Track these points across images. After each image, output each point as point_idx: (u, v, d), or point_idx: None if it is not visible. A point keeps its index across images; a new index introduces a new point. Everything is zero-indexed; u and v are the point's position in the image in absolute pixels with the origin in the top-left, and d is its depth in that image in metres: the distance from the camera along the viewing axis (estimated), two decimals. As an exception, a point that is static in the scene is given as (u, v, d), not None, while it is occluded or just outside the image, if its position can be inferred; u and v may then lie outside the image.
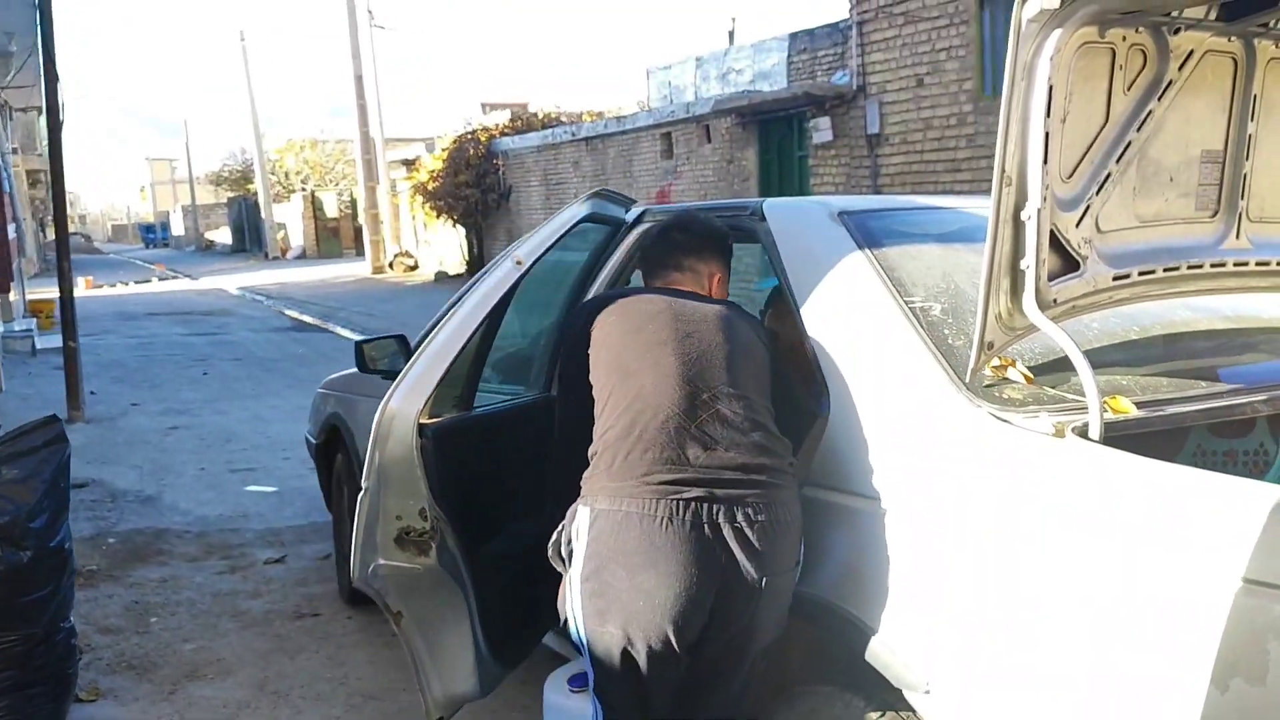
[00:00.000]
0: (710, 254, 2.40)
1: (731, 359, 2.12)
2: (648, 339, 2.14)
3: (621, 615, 1.95)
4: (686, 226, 2.43)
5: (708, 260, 2.39)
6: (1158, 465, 1.60)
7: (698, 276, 2.37)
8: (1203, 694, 1.45)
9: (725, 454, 2.00)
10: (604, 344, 2.19)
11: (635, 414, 2.04)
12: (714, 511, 1.94)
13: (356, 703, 3.43)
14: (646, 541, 1.93)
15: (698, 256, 2.38)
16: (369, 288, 21.96)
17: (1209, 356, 2.42)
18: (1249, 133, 2.15)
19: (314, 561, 4.88)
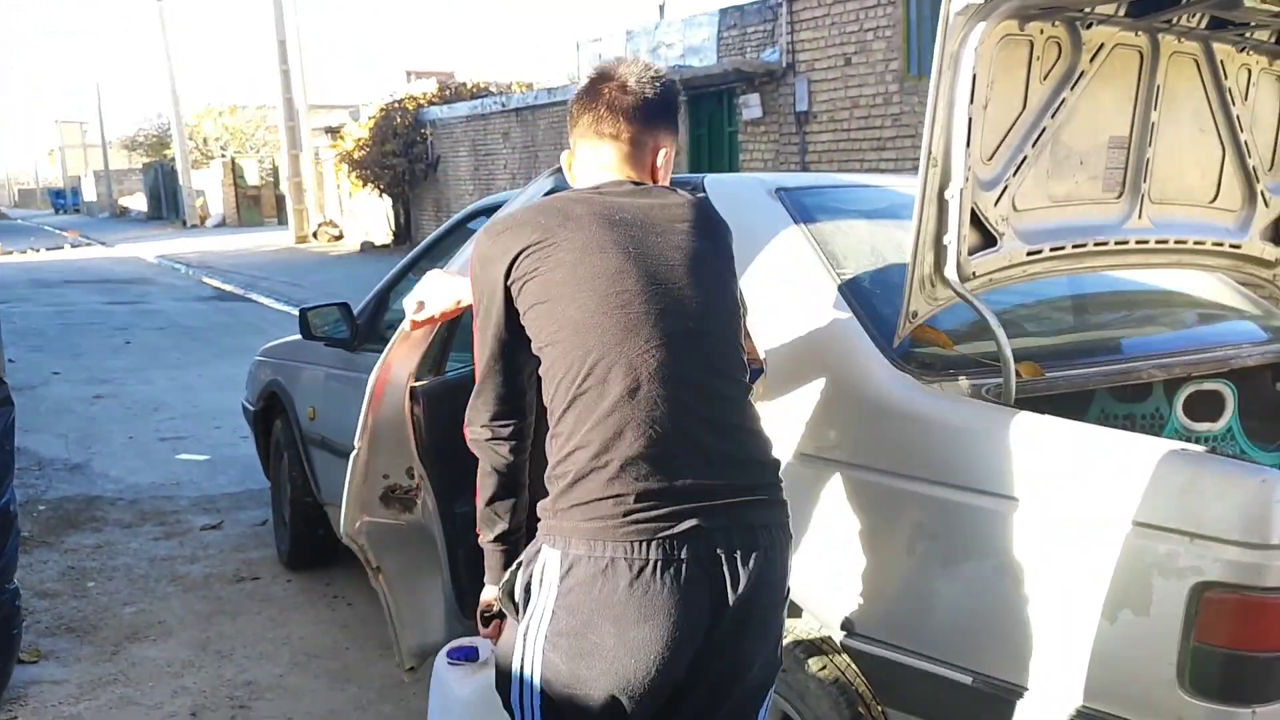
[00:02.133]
0: (657, 119, 1.86)
1: (708, 315, 1.73)
2: (612, 302, 1.67)
3: (611, 678, 1.61)
4: (623, 80, 1.84)
5: (654, 128, 1.85)
6: (1061, 422, 1.77)
7: (638, 152, 1.85)
8: (1095, 624, 1.63)
9: (717, 469, 1.67)
10: (550, 304, 1.70)
11: (613, 430, 1.63)
12: (711, 544, 1.63)
13: (300, 660, 3.51)
14: (640, 591, 1.60)
15: (642, 123, 1.84)
16: (293, 257, 21.63)
17: (1114, 328, 2.62)
18: (1152, 121, 2.32)
19: (251, 528, 4.92)
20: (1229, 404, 2.42)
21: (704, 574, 1.63)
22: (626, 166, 1.86)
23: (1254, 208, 2.58)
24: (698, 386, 1.69)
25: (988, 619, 1.77)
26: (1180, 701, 1.56)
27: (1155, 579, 1.58)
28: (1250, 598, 1.53)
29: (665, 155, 1.89)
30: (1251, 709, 1.53)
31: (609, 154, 1.85)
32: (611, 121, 1.84)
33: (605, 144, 1.85)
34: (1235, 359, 2.41)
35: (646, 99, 1.84)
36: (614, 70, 1.87)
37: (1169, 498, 1.59)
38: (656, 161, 1.89)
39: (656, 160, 1.89)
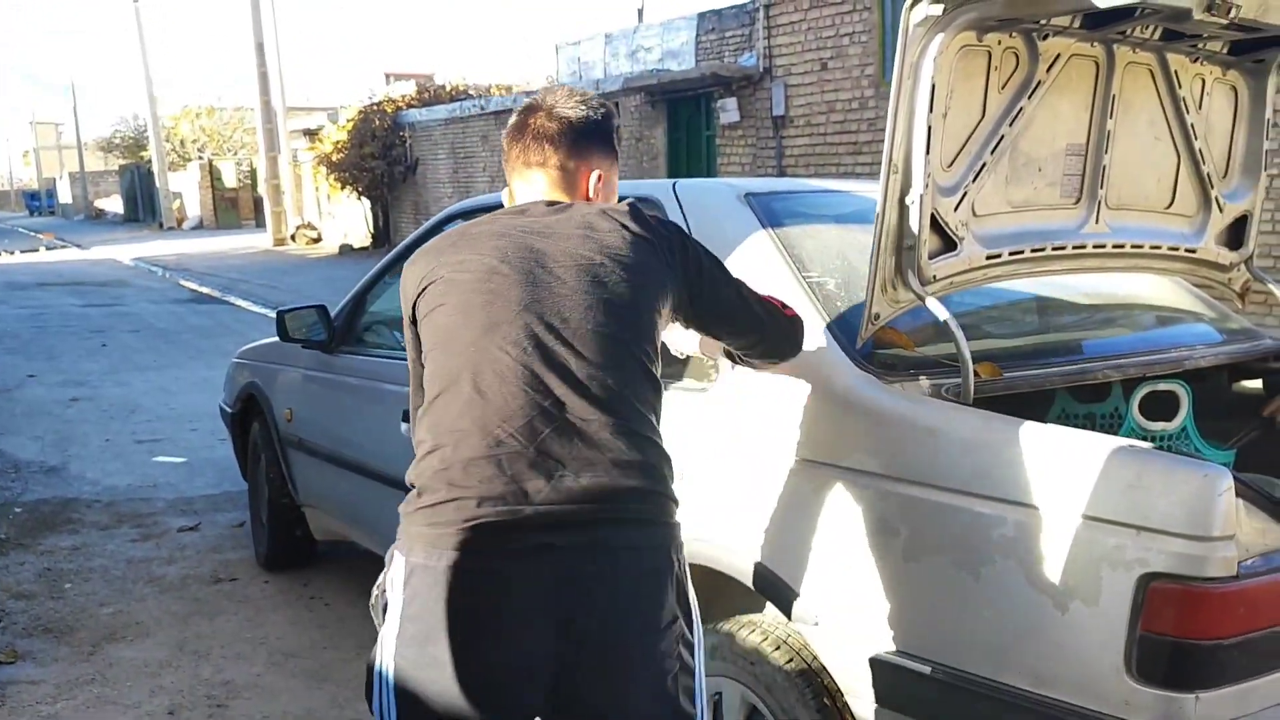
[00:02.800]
0: (586, 142, 1.84)
1: (595, 321, 1.64)
2: (476, 301, 1.66)
3: (454, 695, 1.55)
4: (549, 107, 1.84)
5: (583, 151, 1.83)
6: (1013, 420, 1.84)
7: (568, 177, 1.83)
8: (1047, 614, 1.69)
9: (575, 482, 1.57)
10: (430, 316, 1.73)
11: (460, 435, 1.60)
12: (560, 564, 1.55)
13: (278, 660, 3.54)
14: (476, 605, 1.56)
15: (569, 148, 1.82)
16: (271, 260, 21.56)
17: (1075, 330, 2.69)
18: (1108, 129, 2.39)
19: (228, 529, 4.94)
20: (1184, 404, 2.49)
21: (550, 595, 1.54)
22: (556, 193, 1.84)
23: (1209, 213, 2.66)
24: (563, 390, 1.60)
25: (945, 611, 1.83)
26: (1128, 688, 1.62)
27: (1104, 570, 1.65)
28: (1193, 588, 1.59)
29: (600, 178, 1.87)
30: (1195, 695, 1.60)
31: (539, 182, 1.85)
32: (538, 150, 1.84)
33: (534, 173, 1.85)
34: (1189, 360, 2.48)
35: (571, 123, 1.83)
36: (539, 100, 1.89)
37: (1117, 492, 1.66)
38: (589, 185, 1.86)
39: (588, 184, 1.86)
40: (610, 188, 1.91)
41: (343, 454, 3.68)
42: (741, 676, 2.17)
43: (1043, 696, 1.71)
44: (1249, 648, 1.62)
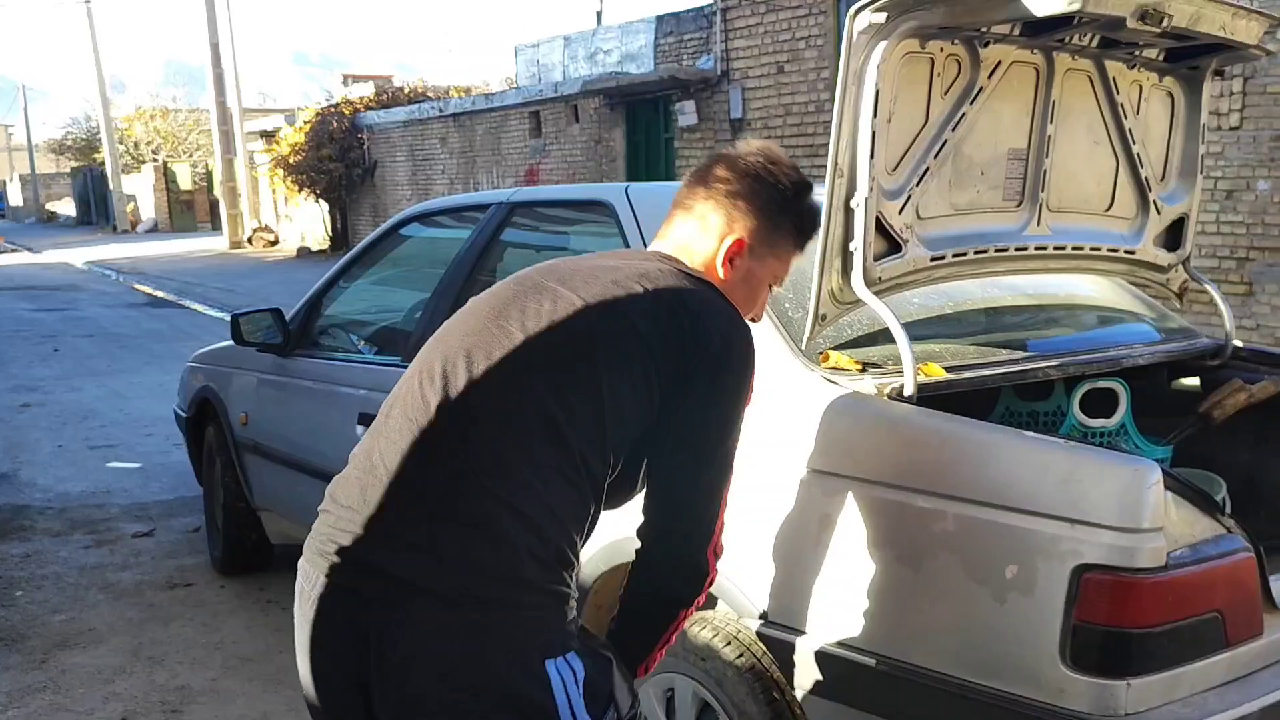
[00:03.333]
0: (738, 197, 1.62)
1: (577, 385, 1.47)
2: (439, 335, 1.61)
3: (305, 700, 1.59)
4: (734, 159, 1.68)
5: (733, 204, 1.62)
6: (954, 418, 1.89)
7: (702, 226, 1.64)
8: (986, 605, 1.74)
9: (412, 536, 1.42)
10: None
11: (357, 452, 1.56)
12: (364, 622, 1.44)
13: (234, 665, 3.53)
14: (306, 620, 1.53)
15: (720, 195, 1.63)
16: (227, 263, 21.34)
17: (1019, 330, 2.75)
18: (1049, 134, 2.46)
19: (184, 535, 4.90)
20: (1122, 401, 2.55)
21: (349, 648, 1.44)
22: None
23: (1147, 216, 2.73)
24: (454, 443, 1.45)
25: (888, 604, 1.87)
26: (1062, 676, 1.68)
27: (1040, 562, 1.70)
28: (1124, 578, 1.65)
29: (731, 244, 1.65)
30: (1126, 681, 1.65)
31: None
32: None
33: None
34: (1127, 359, 2.55)
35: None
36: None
37: (1052, 487, 1.71)
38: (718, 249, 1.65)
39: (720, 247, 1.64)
40: (752, 258, 1.67)
41: (298, 457, 3.67)
42: (693, 672, 2.21)
43: (982, 686, 1.76)
44: (1178, 635, 1.68)
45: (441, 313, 3.17)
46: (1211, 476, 2.58)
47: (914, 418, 1.94)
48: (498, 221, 3.14)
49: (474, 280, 3.19)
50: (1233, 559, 1.74)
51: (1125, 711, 1.65)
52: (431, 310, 3.21)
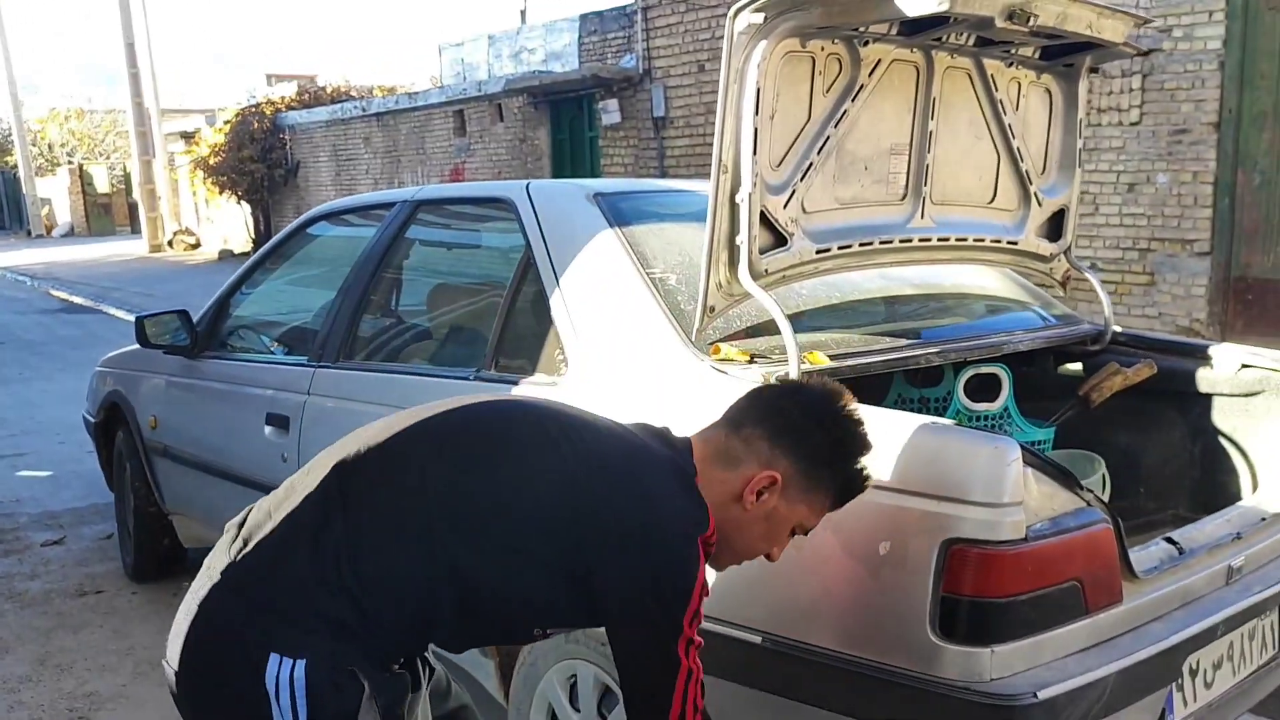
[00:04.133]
0: (787, 434, 1.62)
1: (476, 520, 1.52)
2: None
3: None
4: (802, 395, 1.69)
5: (780, 440, 1.62)
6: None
7: (746, 447, 1.63)
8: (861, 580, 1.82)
9: (279, 565, 1.54)
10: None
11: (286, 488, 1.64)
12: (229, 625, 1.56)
13: (145, 670, 3.49)
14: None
15: (773, 426, 1.63)
16: (147, 267, 20.88)
17: (905, 319, 2.84)
18: (930, 129, 2.55)
19: (95, 542, 4.83)
20: (1005, 386, 2.67)
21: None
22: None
23: (1029, 208, 2.85)
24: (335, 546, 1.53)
25: (772, 583, 1.94)
26: (933, 645, 1.76)
27: (910, 538, 1.78)
28: (988, 550, 1.73)
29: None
30: (990, 649, 1.74)
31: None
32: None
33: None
34: (1008, 345, 2.66)
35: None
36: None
37: (921, 465, 1.80)
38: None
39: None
40: (781, 499, 1.63)
41: (209, 459, 3.65)
42: (595, 658, 2.25)
43: (860, 658, 1.83)
44: (1039, 604, 1.78)
45: (346, 311, 3.19)
46: (1091, 456, 2.71)
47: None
48: (402, 219, 3.16)
49: (379, 278, 3.21)
50: (1091, 530, 1.84)
51: (990, 677, 1.74)
52: (336, 309, 3.22)
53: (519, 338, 2.63)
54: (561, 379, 2.41)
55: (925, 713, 1.77)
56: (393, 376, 2.98)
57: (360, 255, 3.24)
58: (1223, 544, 2.17)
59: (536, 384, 2.46)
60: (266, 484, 3.26)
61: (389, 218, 3.21)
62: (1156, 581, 1.99)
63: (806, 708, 1.91)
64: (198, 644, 1.56)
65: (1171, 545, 2.09)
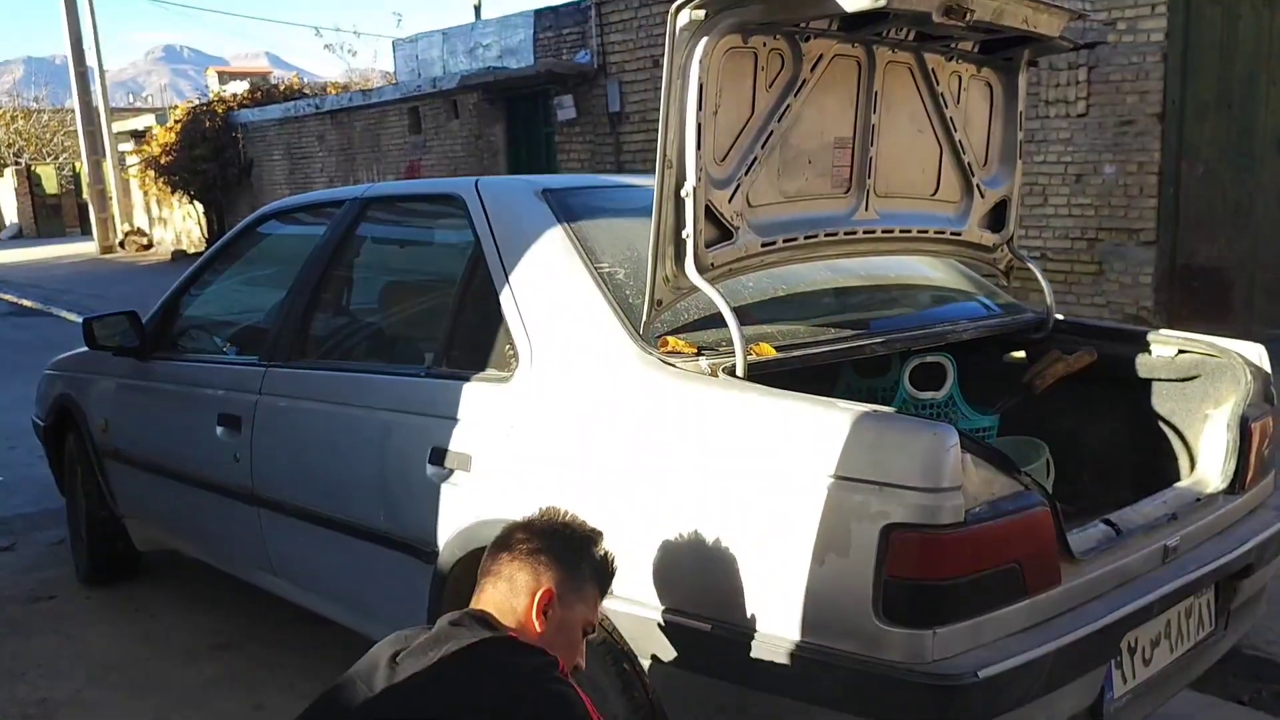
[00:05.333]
0: (539, 553, 1.77)
1: None
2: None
3: None
4: (528, 523, 1.85)
5: (536, 560, 1.76)
6: (774, 392, 2.00)
7: (511, 587, 1.75)
8: (807, 568, 1.86)
9: None
10: None
11: None
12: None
13: (99, 674, 3.47)
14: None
15: (523, 555, 1.77)
16: (98, 269, 20.55)
17: (852, 311, 2.88)
18: (873, 123, 2.59)
19: (47, 547, 4.78)
20: (949, 374, 2.71)
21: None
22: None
23: (971, 199, 2.90)
24: None
25: (720, 572, 1.97)
26: (876, 628, 1.80)
27: (853, 524, 1.82)
28: (928, 534, 1.77)
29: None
30: (933, 630, 1.78)
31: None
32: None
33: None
34: (952, 334, 2.71)
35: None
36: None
37: (861, 453, 1.83)
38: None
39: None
40: (564, 605, 1.78)
41: (161, 462, 3.63)
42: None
43: (807, 643, 1.87)
44: (979, 586, 1.82)
45: (297, 310, 3.18)
46: (1035, 442, 2.76)
47: (741, 395, 2.04)
48: (352, 217, 3.16)
49: (329, 277, 3.20)
50: (1029, 513, 1.89)
51: (932, 658, 1.78)
52: (286, 308, 3.21)
53: (469, 334, 2.64)
54: (512, 374, 2.43)
55: (870, 694, 1.81)
56: (344, 375, 2.98)
57: (310, 254, 3.23)
58: (1159, 525, 2.23)
59: (488, 380, 2.47)
60: (219, 485, 3.27)
61: (339, 215, 3.21)
62: (1094, 563, 2.04)
63: (754, 693, 1.95)
64: None
65: (1109, 527, 2.15)
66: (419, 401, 2.62)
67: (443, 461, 2.48)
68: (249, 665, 3.47)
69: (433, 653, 1.61)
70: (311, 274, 3.17)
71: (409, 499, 2.59)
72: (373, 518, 2.71)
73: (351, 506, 2.78)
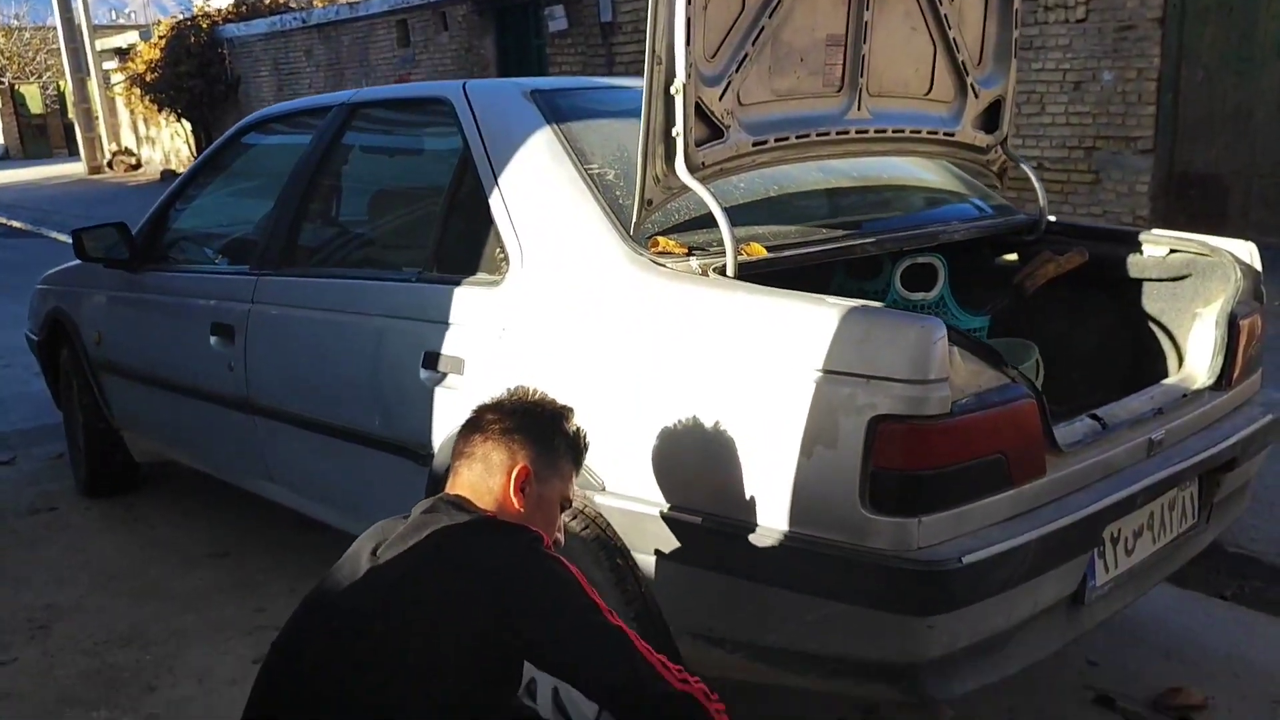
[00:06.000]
0: (512, 432, 1.75)
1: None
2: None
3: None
4: (498, 403, 1.83)
5: (510, 439, 1.75)
6: (762, 289, 2.00)
7: (486, 467, 1.74)
8: (795, 461, 1.88)
9: None
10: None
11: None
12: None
13: (101, 582, 3.53)
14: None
15: (496, 434, 1.75)
16: (86, 189, 20.34)
17: (847, 211, 2.87)
18: (866, 20, 2.54)
19: (46, 462, 4.82)
20: (940, 275, 2.72)
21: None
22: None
23: (965, 99, 2.87)
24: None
25: (711, 466, 1.99)
26: (864, 519, 1.83)
27: (840, 417, 1.84)
28: (915, 425, 1.80)
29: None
30: (918, 519, 1.81)
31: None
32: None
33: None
34: (944, 234, 2.70)
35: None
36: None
37: (850, 347, 1.84)
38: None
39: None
40: (537, 482, 1.76)
41: (155, 373, 3.64)
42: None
43: (796, 533, 1.90)
44: (964, 476, 1.85)
45: (286, 218, 3.17)
46: (1026, 343, 2.78)
47: (731, 294, 2.05)
48: (339, 124, 3.12)
49: (318, 184, 3.18)
50: (1014, 405, 1.91)
51: (918, 545, 1.81)
52: (276, 216, 3.19)
53: (460, 238, 2.63)
54: (503, 278, 2.43)
55: (857, 582, 1.85)
56: (337, 282, 2.97)
57: (298, 161, 3.20)
58: (1144, 419, 2.26)
59: (479, 283, 2.47)
60: (215, 394, 3.29)
61: (325, 122, 3.17)
62: (1079, 455, 2.07)
63: (745, 583, 1.99)
64: None
65: (1095, 421, 2.17)
66: (411, 306, 2.63)
67: (436, 365, 2.50)
68: (249, 571, 3.53)
69: (412, 539, 1.62)
70: (300, 181, 3.14)
71: (403, 403, 2.61)
72: (368, 422, 2.73)
73: (347, 412, 2.80)
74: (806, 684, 2.03)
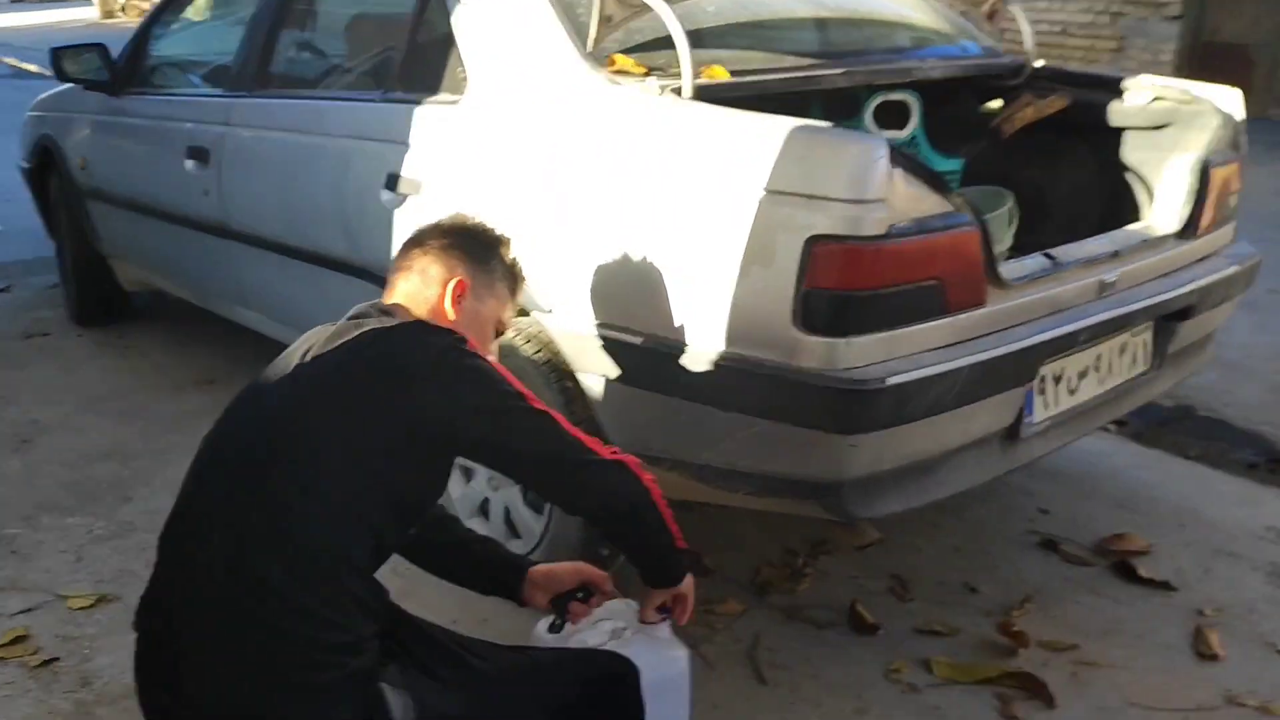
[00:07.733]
0: (452, 249, 1.75)
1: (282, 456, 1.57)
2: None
3: None
4: (438, 224, 1.83)
5: (449, 255, 1.74)
6: (709, 108, 1.97)
7: (424, 279, 1.74)
8: (733, 281, 1.88)
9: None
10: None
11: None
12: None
13: (88, 402, 3.61)
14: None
15: (436, 249, 1.75)
16: (100, 34, 19.83)
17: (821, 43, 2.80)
18: None
19: (42, 290, 4.88)
20: (914, 112, 2.66)
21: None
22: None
23: (955, -70, 2.76)
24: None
25: (650, 287, 2.00)
26: (793, 338, 1.84)
27: (778, 236, 1.83)
28: (849, 245, 1.79)
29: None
30: (847, 339, 1.83)
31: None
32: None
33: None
34: (918, 70, 2.64)
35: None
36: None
37: (791, 166, 1.82)
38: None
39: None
40: (472, 295, 1.74)
41: (137, 199, 3.65)
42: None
43: (731, 353, 1.92)
44: (897, 299, 1.85)
45: (258, 41, 3.12)
46: (1000, 190, 2.73)
47: (683, 112, 2.02)
48: (312, -59, 3.05)
49: (289, 6, 3.12)
50: (955, 232, 1.90)
51: (845, 365, 1.83)
52: (249, 37, 3.15)
53: (423, 57, 2.59)
54: (462, 97, 2.40)
55: (785, 400, 1.87)
56: (305, 103, 2.94)
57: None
58: (1098, 260, 2.24)
59: (439, 102, 2.44)
60: (192, 219, 3.30)
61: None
62: (1024, 289, 2.06)
63: (680, 402, 2.02)
64: None
65: (1046, 258, 2.16)
66: (375, 127, 2.61)
67: (396, 187, 2.49)
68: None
69: (342, 339, 1.63)
70: (271, 3, 3.08)
71: (367, 226, 2.61)
72: (334, 246, 2.74)
73: (314, 235, 2.81)
74: (739, 501, 2.08)
